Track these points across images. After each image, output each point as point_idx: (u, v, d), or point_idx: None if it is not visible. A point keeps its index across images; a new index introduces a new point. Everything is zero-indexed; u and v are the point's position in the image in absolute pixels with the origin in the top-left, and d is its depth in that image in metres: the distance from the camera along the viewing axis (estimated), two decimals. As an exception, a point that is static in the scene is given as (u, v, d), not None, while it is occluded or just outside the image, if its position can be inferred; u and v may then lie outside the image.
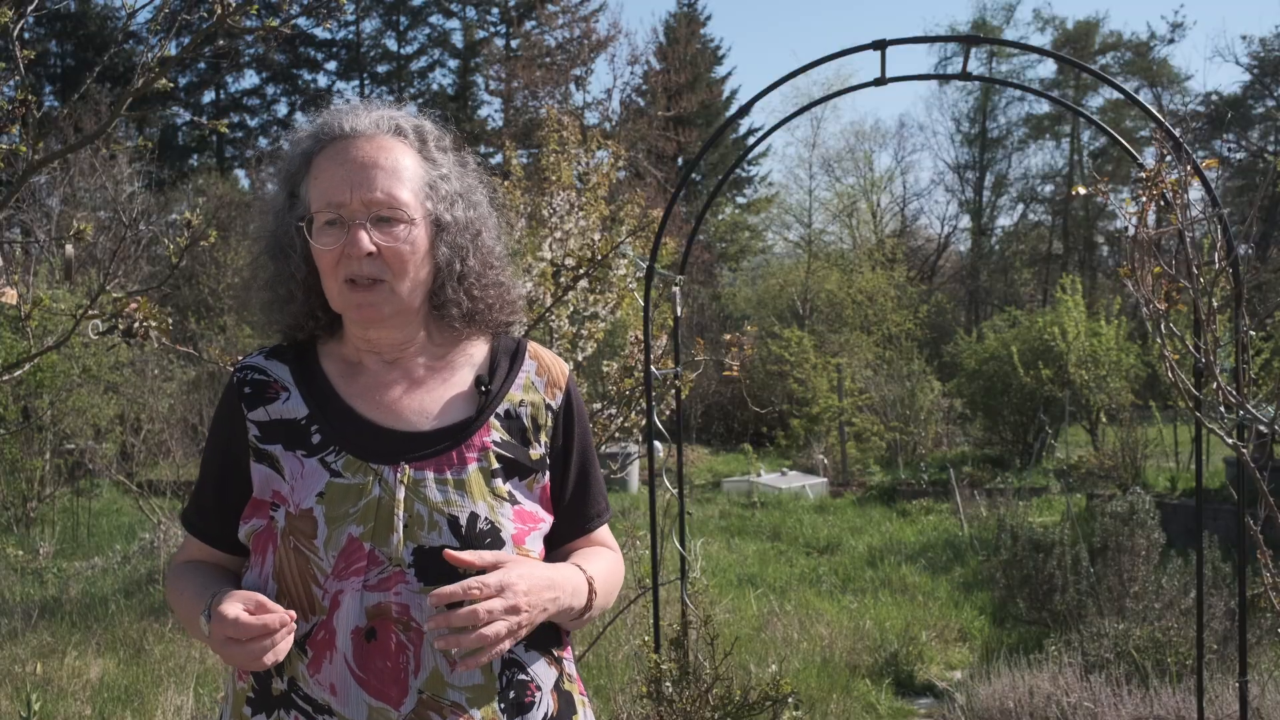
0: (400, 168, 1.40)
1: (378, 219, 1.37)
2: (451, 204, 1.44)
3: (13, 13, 2.57)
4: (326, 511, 1.36)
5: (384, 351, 1.47)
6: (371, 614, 1.32)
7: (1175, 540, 6.86)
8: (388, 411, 1.44)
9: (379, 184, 1.37)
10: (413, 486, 1.38)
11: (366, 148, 1.39)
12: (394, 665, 1.32)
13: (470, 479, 1.40)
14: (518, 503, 1.43)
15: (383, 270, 1.37)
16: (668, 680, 3.50)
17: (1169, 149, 2.82)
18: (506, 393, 1.48)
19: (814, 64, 3.62)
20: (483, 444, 1.43)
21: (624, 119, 24.61)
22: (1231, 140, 28.80)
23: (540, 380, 1.51)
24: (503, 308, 1.51)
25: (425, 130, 1.47)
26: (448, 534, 1.35)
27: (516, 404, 1.48)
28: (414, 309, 1.44)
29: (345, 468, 1.39)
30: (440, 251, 1.43)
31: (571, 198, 7.12)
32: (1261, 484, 2.65)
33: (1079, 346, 13.24)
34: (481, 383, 1.48)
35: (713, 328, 19.00)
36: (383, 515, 1.36)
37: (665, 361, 3.81)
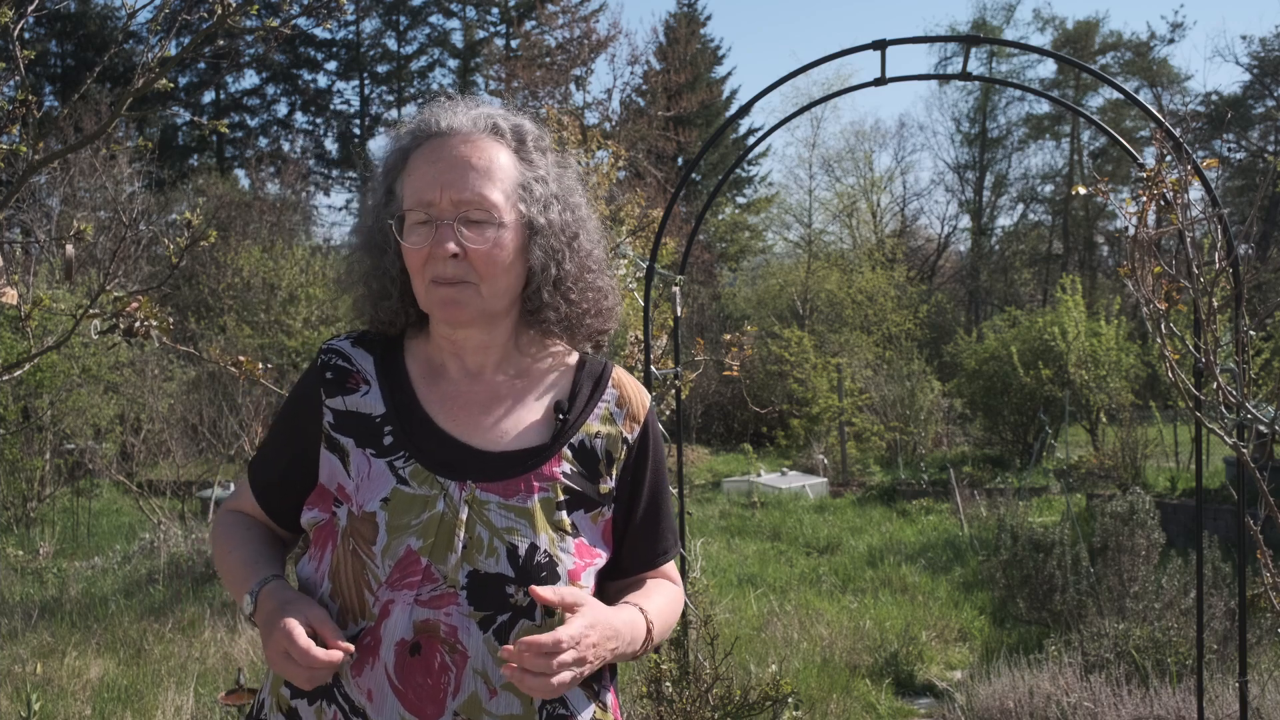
0: (494, 168, 1.37)
1: (467, 220, 1.35)
2: (546, 206, 1.41)
3: (13, 13, 2.57)
4: (389, 519, 1.34)
5: (467, 356, 1.44)
6: (419, 629, 1.31)
7: (1175, 540, 6.87)
8: (463, 426, 1.41)
9: (470, 184, 1.35)
10: (477, 508, 1.35)
11: (461, 147, 1.37)
12: (434, 684, 1.31)
13: (535, 508, 1.37)
14: (579, 536, 1.40)
15: (468, 272, 1.35)
16: (668, 680, 3.50)
17: (1169, 149, 2.82)
18: (584, 423, 1.44)
19: (814, 64, 3.62)
20: (552, 474, 1.39)
21: (624, 119, 24.61)
22: (1231, 140, 28.80)
23: (620, 412, 1.47)
24: (599, 314, 1.48)
25: (524, 130, 1.43)
26: (505, 562, 1.33)
27: (592, 435, 1.44)
28: (500, 312, 1.41)
29: (412, 476, 1.37)
30: (534, 254, 1.40)
31: (571, 198, 7.12)
32: (1261, 484, 2.65)
33: (1079, 346, 13.24)
34: (560, 410, 1.44)
35: (713, 328, 19.00)
36: (444, 532, 1.34)
37: (665, 361, 3.82)
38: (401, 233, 1.38)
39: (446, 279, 1.35)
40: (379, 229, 1.43)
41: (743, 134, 28.47)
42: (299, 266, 15.43)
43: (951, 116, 35.28)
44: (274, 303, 14.55)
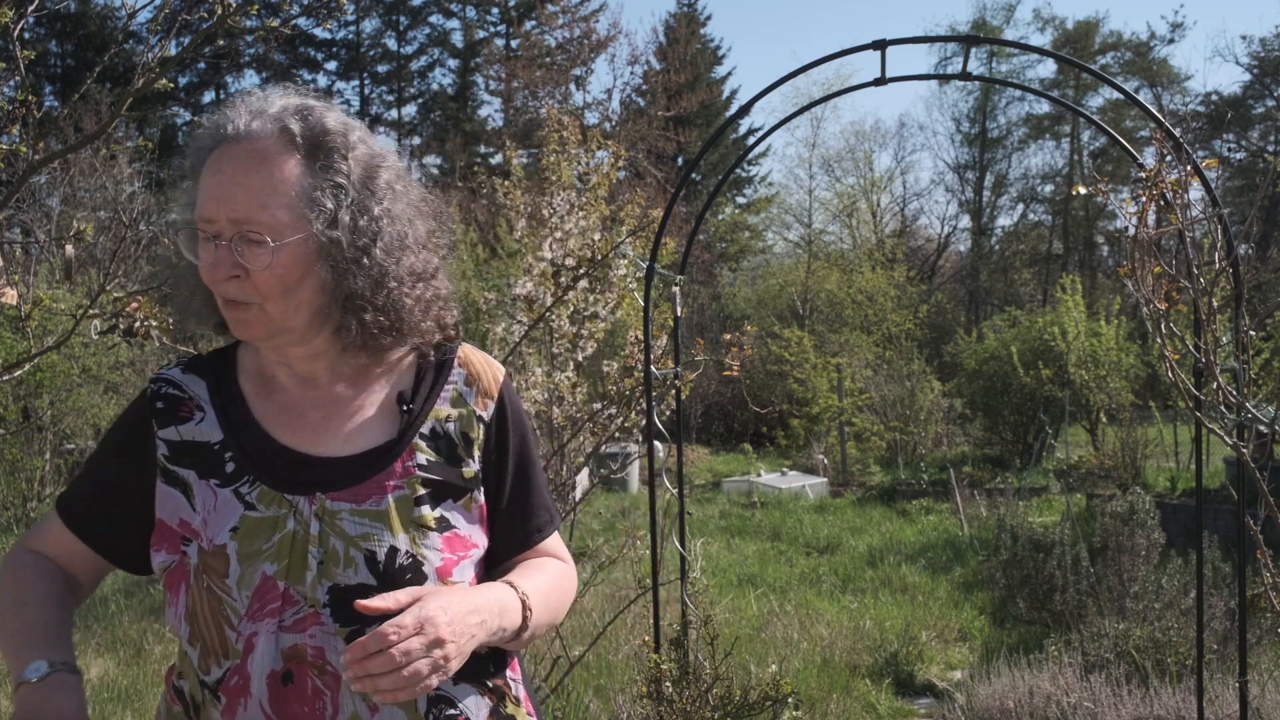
0: (274, 182, 1.25)
1: (246, 239, 1.24)
2: (335, 220, 1.27)
3: (13, 13, 2.57)
4: (239, 548, 1.26)
5: (296, 364, 1.36)
6: (287, 656, 1.24)
7: (1175, 540, 6.87)
8: (304, 436, 1.34)
9: (245, 202, 1.24)
10: (329, 519, 1.28)
11: (244, 160, 1.25)
12: (311, 710, 1.24)
13: (390, 510, 1.29)
14: (449, 528, 1.33)
15: (250, 294, 1.26)
16: (668, 680, 3.50)
17: (1169, 149, 2.82)
18: (431, 409, 1.37)
19: (814, 64, 3.62)
20: (405, 469, 1.32)
21: (624, 119, 24.63)
22: (1231, 140, 28.80)
23: (470, 390, 1.39)
24: (411, 323, 1.35)
25: (321, 129, 1.30)
26: (365, 571, 1.25)
27: (443, 420, 1.36)
28: (300, 327, 1.30)
29: (259, 499, 1.29)
30: (322, 271, 1.28)
31: (571, 198, 7.12)
32: (1261, 484, 2.65)
33: (1079, 346, 13.24)
34: (403, 400, 1.36)
35: (713, 328, 19.01)
36: (297, 551, 1.26)
37: (665, 361, 3.81)
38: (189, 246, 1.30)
39: (231, 299, 1.27)
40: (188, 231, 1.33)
41: (743, 134, 28.49)
42: (299, 266, 15.44)
43: (951, 116, 35.33)
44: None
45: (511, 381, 1.45)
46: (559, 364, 7.14)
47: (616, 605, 5.31)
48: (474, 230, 15.40)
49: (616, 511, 10.56)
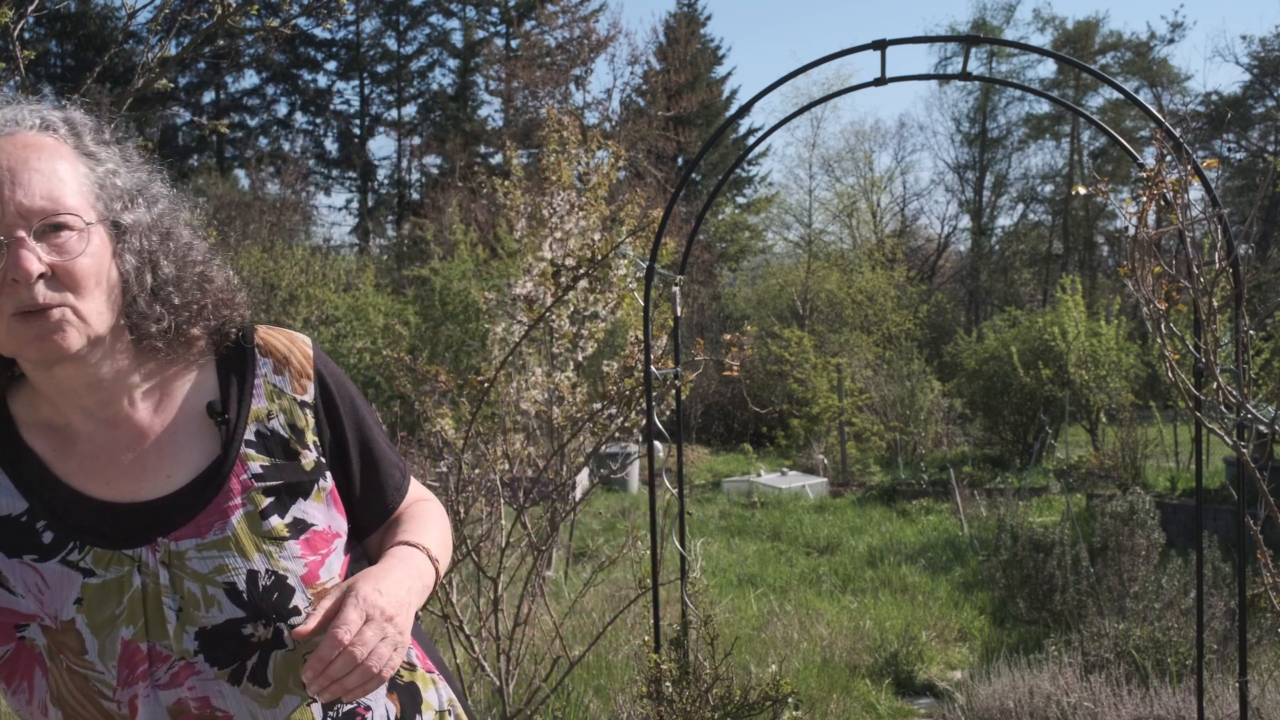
0: (61, 169, 1.13)
1: (43, 230, 1.10)
2: (128, 203, 1.19)
3: (13, 13, 2.57)
4: (89, 620, 1.16)
5: (86, 400, 1.20)
6: (174, 713, 1.17)
7: (1175, 540, 6.87)
8: (121, 483, 1.21)
9: (36, 188, 1.10)
10: (177, 563, 1.18)
11: (12, 148, 1.12)
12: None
13: (237, 533, 1.20)
14: (306, 529, 1.24)
15: (61, 293, 1.11)
16: (668, 680, 3.50)
17: (1169, 149, 2.82)
18: (249, 411, 1.25)
19: (814, 64, 3.62)
20: (242, 485, 1.22)
21: (624, 119, 24.63)
22: (1231, 140, 28.81)
23: (282, 378, 1.28)
24: (213, 309, 1.26)
25: (78, 122, 1.19)
26: (229, 606, 1.17)
27: (265, 419, 1.25)
28: (106, 334, 1.17)
29: (96, 563, 1.17)
30: (126, 260, 1.17)
31: (571, 198, 7.12)
32: (1261, 484, 2.65)
33: (1079, 346, 13.25)
34: (215, 411, 1.24)
35: (713, 328, 19.03)
36: (151, 607, 1.17)
37: (665, 361, 3.82)
38: None
39: (36, 306, 1.09)
40: None
41: (743, 134, 28.50)
42: (299, 266, 15.45)
43: (951, 116, 35.33)
44: (274, 303, 14.55)
45: (318, 347, 1.34)
46: (559, 364, 7.14)
47: (616, 605, 5.31)
48: (474, 230, 15.40)
49: (616, 511, 10.57)
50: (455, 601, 3.40)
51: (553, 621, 3.90)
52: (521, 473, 4.09)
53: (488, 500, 3.64)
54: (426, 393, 5.11)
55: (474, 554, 3.40)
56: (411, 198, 31.72)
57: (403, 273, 17.69)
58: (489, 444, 4.08)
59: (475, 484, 3.56)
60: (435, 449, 4.54)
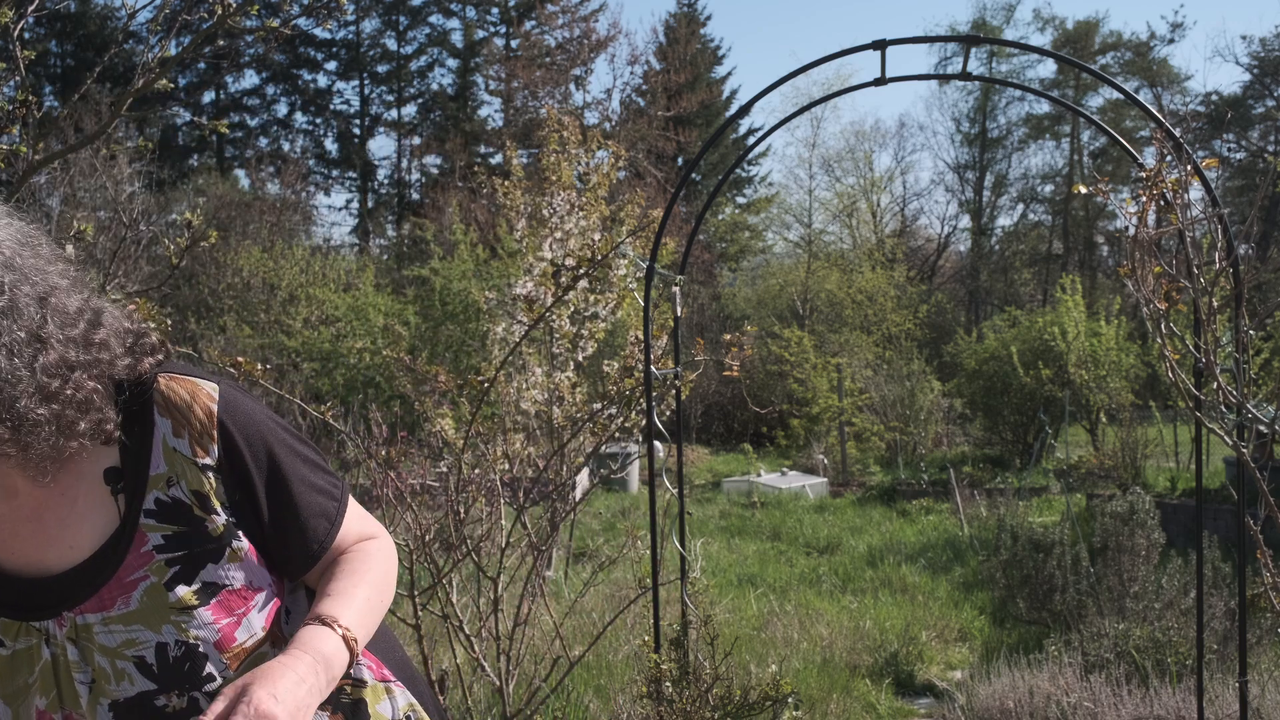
0: None
1: None
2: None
3: (13, 13, 2.57)
4: (1, 689, 1.16)
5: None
6: None
7: (1175, 540, 6.87)
8: (24, 554, 1.16)
9: None
10: (85, 636, 1.15)
11: None
12: None
13: (142, 606, 1.15)
14: (218, 591, 1.18)
15: None
16: (668, 680, 3.50)
17: (1169, 149, 2.82)
18: (148, 478, 1.17)
19: (814, 64, 3.62)
20: (142, 557, 1.16)
21: (624, 119, 24.64)
22: (1231, 140, 28.81)
23: (181, 440, 1.18)
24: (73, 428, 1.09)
25: None
26: (140, 679, 1.15)
27: (165, 486, 1.17)
28: None
29: (4, 633, 1.16)
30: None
31: (571, 198, 7.13)
32: (1261, 484, 2.65)
33: (1079, 346, 13.25)
34: (110, 480, 1.17)
35: (713, 328, 19.03)
36: (63, 679, 1.16)
37: (665, 361, 3.82)
38: None
39: None
40: None
41: (743, 134, 28.50)
42: (299, 267, 15.46)
43: (951, 116, 35.34)
44: (274, 303, 14.56)
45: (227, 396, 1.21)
46: (559, 364, 7.14)
47: (616, 605, 5.31)
48: (474, 230, 15.40)
49: (616, 511, 10.57)
50: (455, 601, 3.41)
51: (553, 621, 3.90)
52: (521, 473, 4.09)
53: (488, 500, 3.64)
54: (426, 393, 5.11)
55: (474, 554, 3.40)
56: (411, 198, 31.73)
57: (403, 273, 17.69)
58: (489, 444, 4.08)
59: (475, 484, 3.56)
60: (435, 449, 4.54)
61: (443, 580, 3.32)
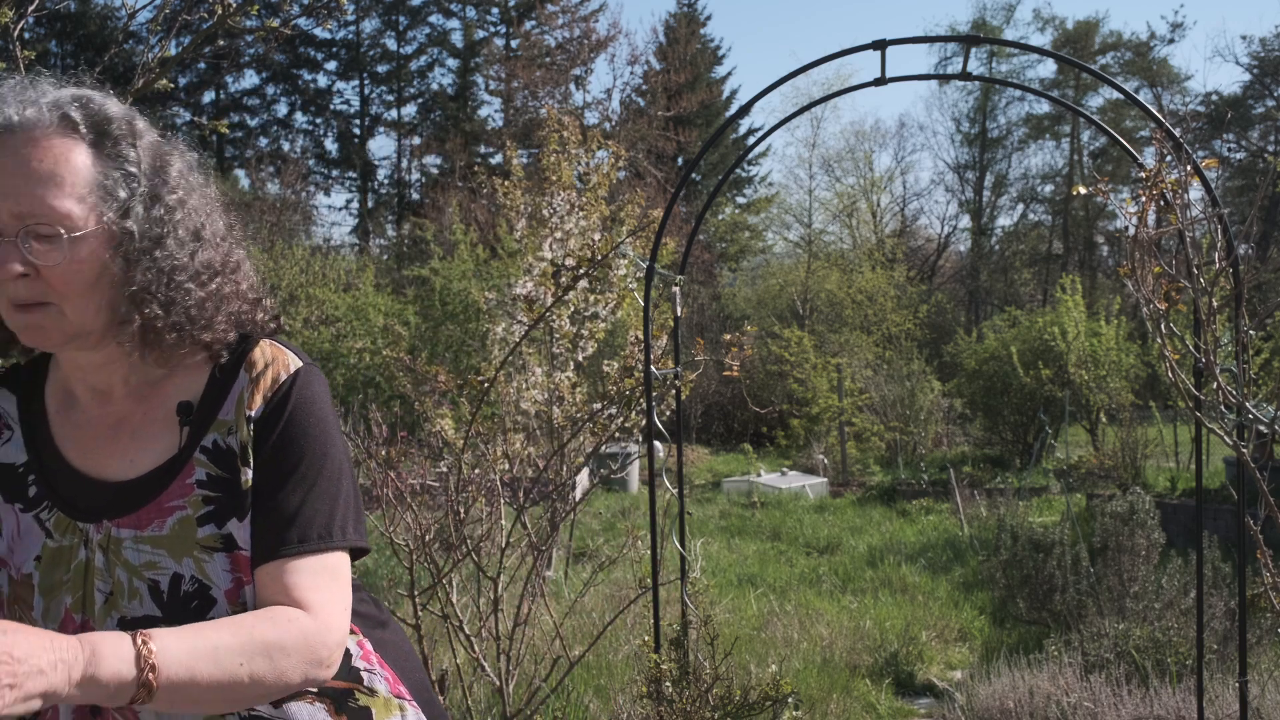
0: (62, 173, 1.15)
1: (36, 234, 1.14)
2: (128, 210, 1.19)
3: (13, 13, 2.57)
4: (41, 579, 1.22)
5: (91, 375, 1.26)
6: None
7: (1175, 540, 6.87)
8: (95, 458, 1.25)
9: (31, 193, 1.13)
10: (114, 548, 1.21)
11: (23, 149, 1.14)
12: None
13: (172, 534, 1.21)
14: (234, 548, 1.22)
15: (45, 292, 1.15)
16: (668, 680, 3.50)
17: (1169, 149, 2.82)
18: (214, 419, 1.25)
19: (814, 64, 3.62)
20: (184, 488, 1.22)
21: (624, 119, 24.64)
22: (1231, 140, 28.81)
23: (249, 393, 1.26)
24: (200, 324, 1.24)
25: (104, 116, 1.20)
26: (149, 602, 1.19)
27: (225, 432, 1.24)
28: (96, 330, 1.20)
29: (55, 527, 1.23)
30: (115, 265, 1.18)
31: (572, 198, 7.13)
32: (1261, 484, 2.65)
33: (1079, 346, 13.25)
34: (185, 411, 1.25)
35: (713, 328, 19.02)
36: (89, 583, 1.21)
37: (665, 361, 3.82)
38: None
39: (22, 301, 1.16)
40: None
41: (743, 134, 28.50)
42: (299, 266, 15.45)
43: (951, 116, 35.36)
44: (274, 303, 14.53)
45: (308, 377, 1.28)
46: (559, 364, 7.14)
47: (616, 605, 5.31)
48: (474, 230, 15.40)
49: (616, 511, 10.56)
50: (455, 601, 3.41)
51: (553, 621, 3.90)
52: (521, 473, 4.09)
53: (488, 500, 3.64)
54: (426, 393, 5.12)
55: (474, 554, 3.40)
56: (411, 198, 31.72)
57: (403, 273, 17.69)
58: (489, 444, 4.08)
59: (475, 484, 3.56)
60: (435, 449, 4.54)
61: (443, 580, 3.32)
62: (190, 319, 1.22)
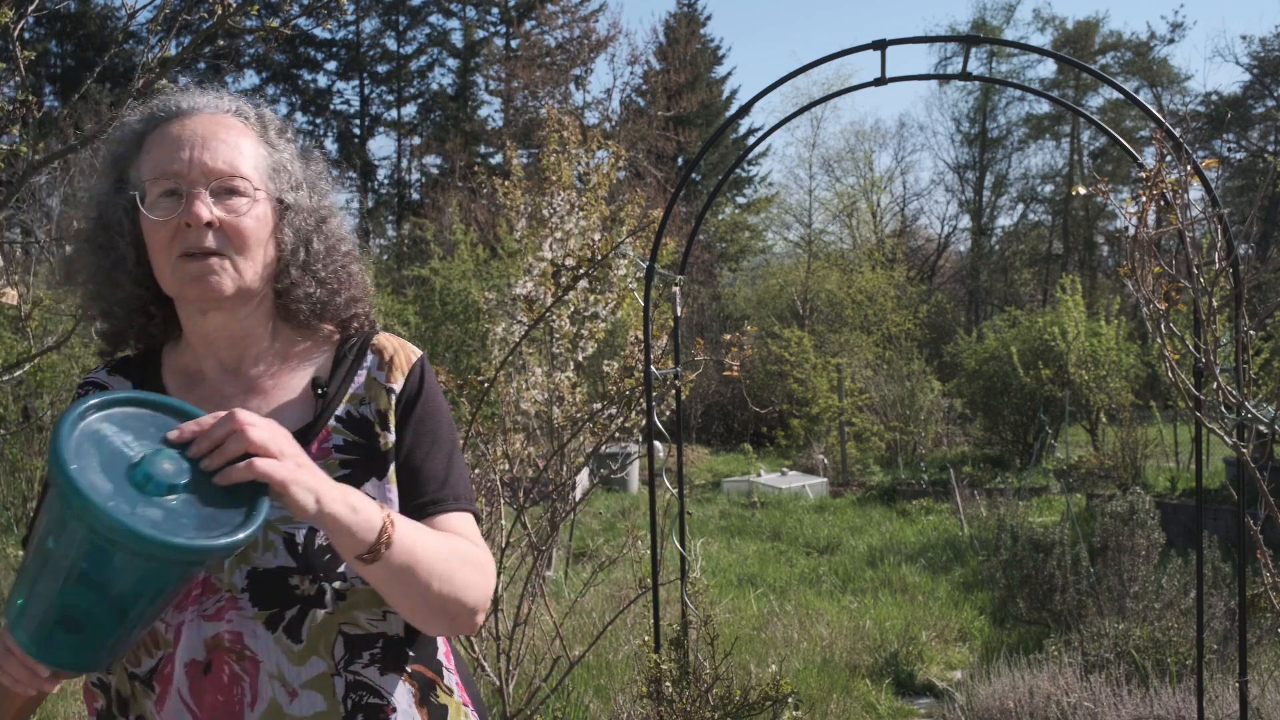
0: (241, 144, 1.32)
1: (219, 189, 1.27)
2: (296, 189, 1.37)
3: (13, 13, 2.57)
4: None
5: (222, 352, 1.37)
6: (209, 646, 1.24)
7: (1175, 540, 6.87)
8: None
9: (220, 153, 1.28)
10: None
11: (207, 121, 1.31)
12: (227, 699, 1.24)
13: None
14: None
15: (224, 244, 1.27)
16: (668, 680, 3.50)
17: (1169, 149, 2.82)
18: (346, 393, 1.38)
19: (814, 64, 3.62)
20: (321, 450, 1.32)
21: (624, 119, 24.64)
22: (1231, 140, 28.81)
23: (381, 373, 1.40)
24: (350, 300, 1.42)
25: (266, 117, 1.39)
26: (284, 553, 1.26)
27: (358, 403, 1.37)
28: (255, 292, 1.33)
29: None
30: (285, 233, 1.34)
31: (572, 198, 7.12)
32: (1261, 484, 2.65)
33: (1079, 346, 13.25)
34: (318, 385, 1.38)
35: (713, 328, 19.01)
36: None
37: (665, 361, 3.81)
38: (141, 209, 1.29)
39: (200, 249, 1.26)
40: (110, 219, 1.32)
41: (743, 134, 28.48)
42: (299, 266, 15.42)
43: (951, 116, 35.34)
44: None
45: (428, 363, 1.45)
46: (559, 364, 7.14)
47: (616, 605, 5.31)
48: (474, 230, 15.39)
49: (616, 511, 10.56)
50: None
51: (553, 621, 3.90)
52: (521, 473, 4.09)
53: (488, 500, 3.63)
54: (426, 393, 5.09)
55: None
56: (411, 198, 31.71)
57: (403, 273, 17.68)
58: (489, 444, 4.08)
59: (475, 484, 3.56)
60: (435, 449, 4.52)
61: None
62: (331, 295, 1.38)
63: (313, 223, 1.38)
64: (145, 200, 1.28)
